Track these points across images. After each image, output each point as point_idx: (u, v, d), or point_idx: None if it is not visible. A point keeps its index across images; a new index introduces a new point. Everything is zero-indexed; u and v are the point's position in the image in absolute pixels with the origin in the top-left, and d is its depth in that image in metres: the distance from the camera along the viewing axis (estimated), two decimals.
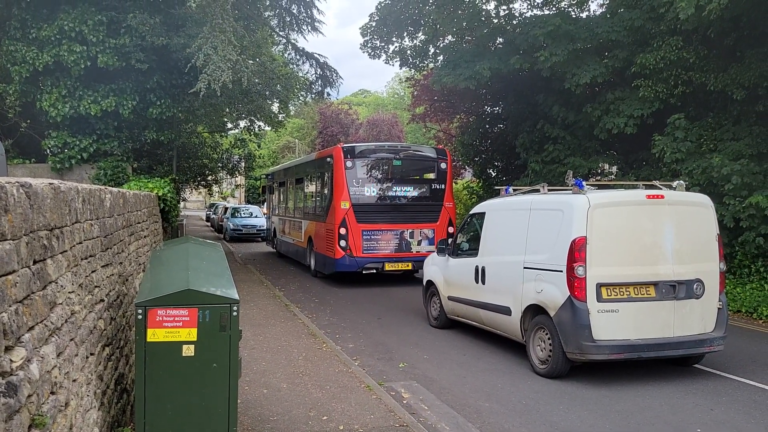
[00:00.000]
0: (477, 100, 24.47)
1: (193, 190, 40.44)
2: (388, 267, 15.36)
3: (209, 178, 31.91)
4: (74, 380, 3.68)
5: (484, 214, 9.81)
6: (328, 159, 16.13)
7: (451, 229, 15.63)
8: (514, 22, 19.13)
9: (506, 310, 8.68)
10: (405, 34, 21.59)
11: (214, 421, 4.45)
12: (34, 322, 2.97)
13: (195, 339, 4.36)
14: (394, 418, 6.25)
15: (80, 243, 4.34)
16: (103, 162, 17.39)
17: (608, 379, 7.82)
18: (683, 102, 15.37)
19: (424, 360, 8.79)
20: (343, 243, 15.04)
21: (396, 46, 22.16)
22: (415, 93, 27.99)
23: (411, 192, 15.81)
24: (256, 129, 28.00)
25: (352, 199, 15.19)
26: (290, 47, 24.80)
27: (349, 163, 15.38)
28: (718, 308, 7.97)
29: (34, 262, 3.09)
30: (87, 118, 16.94)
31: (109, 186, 15.48)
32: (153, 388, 4.33)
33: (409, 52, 22.13)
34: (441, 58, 21.30)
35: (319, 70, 24.97)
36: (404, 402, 6.95)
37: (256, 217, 33.14)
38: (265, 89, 21.50)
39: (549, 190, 8.93)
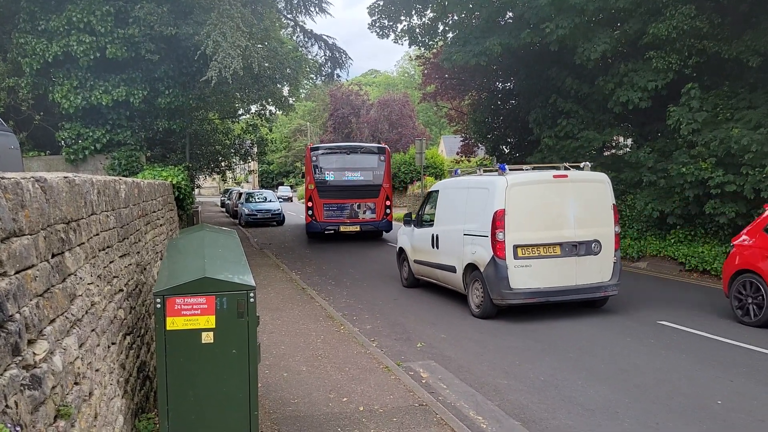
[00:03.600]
0: (488, 77, 24.23)
1: (207, 177, 40.50)
2: (342, 229, 21.03)
3: (222, 164, 31.93)
4: (97, 370, 3.75)
5: (438, 191, 11.89)
6: (304, 154, 22.44)
7: (387, 203, 21.25)
8: None
9: (453, 269, 10.70)
10: (413, 12, 21.35)
11: (235, 406, 4.51)
12: (55, 314, 3.02)
13: (213, 326, 4.41)
14: (413, 398, 6.30)
15: (97, 234, 4.39)
16: (117, 152, 17.49)
17: (626, 353, 7.82)
18: (698, 72, 15.12)
19: (442, 339, 8.83)
20: (310, 212, 21.15)
21: (404, 25, 21.94)
22: (426, 71, 27.79)
23: (358, 177, 21.22)
24: (267, 114, 27.99)
25: (316, 182, 21.05)
26: (298, 30, 24.65)
27: (314, 158, 21.30)
28: (614, 262, 9.81)
29: (53, 256, 3.14)
30: (99, 109, 17.01)
31: (124, 175, 15.63)
32: (174, 376, 4.39)
33: (417, 30, 21.89)
34: (450, 35, 21.07)
35: (328, 51, 24.82)
36: (423, 381, 7.01)
37: (270, 201, 33.14)
38: (275, 73, 21.41)
39: (484, 171, 11.17)
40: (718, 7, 14.37)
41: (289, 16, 23.74)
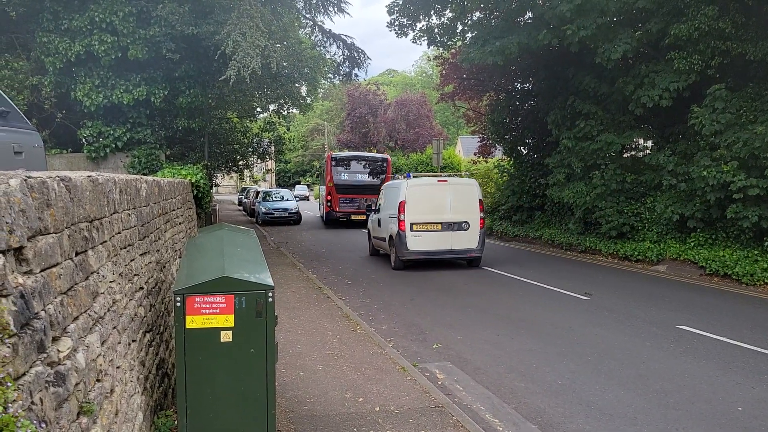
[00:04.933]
0: (506, 77, 24.11)
1: (225, 175, 40.70)
2: (353, 217, 27.60)
3: (240, 163, 32.05)
4: (118, 367, 3.79)
5: (383, 189, 17.61)
6: (325, 159, 31.08)
7: None
8: None
9: (385, 239, 16.15)
10: (432, 11, 21.30)
11: (252, 405, 4.54)
12: (78, 312, 3.06)
13: (232, 325, 4.44)
14: (429, 400, 6.29)
15: (119, 233, 4.43)
16: (137, 150, 17.67)
17: (646, 358, 7.74)
18: (721, 73, 14.90)
19: (458, 341, 8.81)
20: (329, 204, 28.41)
21: (423, 25, 21.89)
22: (444, 72, 27.69)
23: (367, 178, 28.52)
24: (285, 112, 28.14)
25: (334, 181, 28.20)
26: (317, 29, 24.69)
27: (333, 162, 28.83)
28: (479, 236, 15.01)
29: (76, 254, 3.17)
30: (120, 107, 17.20)
31: (144, 173, 15.76)
32: (193, 374, 4.42)
33: (436, 30, 21.83)
34: (469, 35, 21.00)
35: (346, 51, 24.83)
36: (439, 383, 6.99)
37: (287, 200, 33.17)
38: (293, 73, 21.47)
39: (403, 177, 16.09)
40: (742, 8, 14.15)
41: (308, 15, 23.78)
